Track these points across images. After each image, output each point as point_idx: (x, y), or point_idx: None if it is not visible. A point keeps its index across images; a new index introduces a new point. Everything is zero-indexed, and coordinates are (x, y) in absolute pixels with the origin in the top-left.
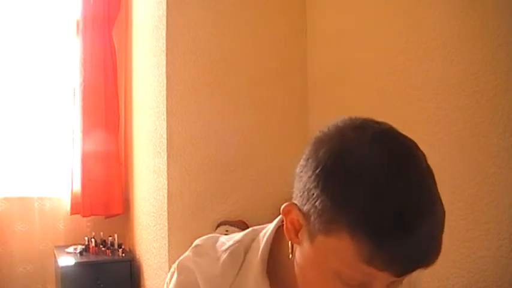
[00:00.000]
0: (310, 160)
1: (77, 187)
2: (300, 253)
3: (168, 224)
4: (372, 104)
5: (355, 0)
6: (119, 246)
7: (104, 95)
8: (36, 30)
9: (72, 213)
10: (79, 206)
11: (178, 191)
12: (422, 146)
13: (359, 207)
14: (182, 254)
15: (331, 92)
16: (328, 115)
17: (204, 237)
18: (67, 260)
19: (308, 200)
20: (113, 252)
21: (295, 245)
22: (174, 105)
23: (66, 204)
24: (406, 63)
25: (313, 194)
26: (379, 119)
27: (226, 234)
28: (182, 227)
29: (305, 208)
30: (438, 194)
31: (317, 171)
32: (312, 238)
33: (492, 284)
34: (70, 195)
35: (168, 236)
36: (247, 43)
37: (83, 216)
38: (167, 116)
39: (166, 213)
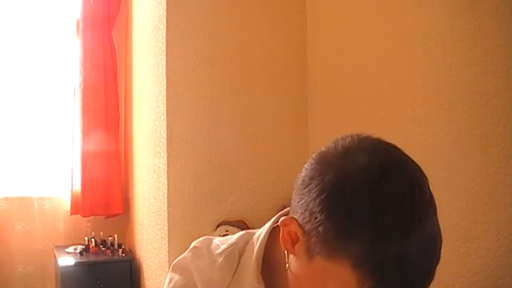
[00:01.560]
0: (315, 181)
1: (77, 187)
2: (296, 264)
3: (168, 224)
4: (371, 104)
5: (355, 0)
6: (119, 246)
7: (104, 95)
8: (36, 30)
9: (72, 213)
10: (79, 206)
11: (178, 191)
12: (422, 146)
13: (364, 243)
14: (182, 254)
15: (331, 92)
16: (328, 115)
17: (200, 239)
18: (67, 260)
19: (310, 221)
20: (113, 252)
21: (290, 254)
22: (174, 105)
23: (66, 204)
24: (406, 63)
25: (317, 218)
26: (379, 118)
27: (226, 235)
28: (182, 227)
29: (306, 227)
30: (439, 226)
31: (322, 196)
32: (310, 255)
33: (492, 284)
34: (70, 195)
35: (168, 236)
36: (247, 43)
37: (83, 216)
38: (167, 116)
39: (166, 213)
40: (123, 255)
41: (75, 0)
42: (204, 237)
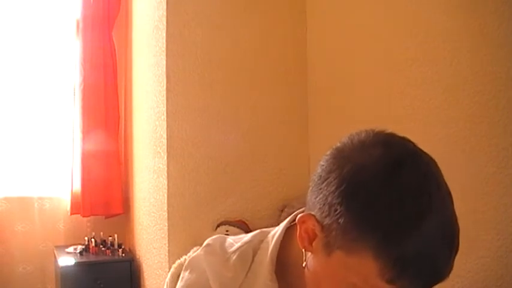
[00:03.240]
0: (333, 174)
1: (77, 187)
2: (313, 262)
3: (168, 224)
4: (371, 104)
5: (355, 0)
6: (119, 246)
7: (104, 95)
8: (36, 30)
9: (72, 213)
10: (79, 206)
11: (178, 191)
12: (422, 146)
13: (385, 231)
14: (182, 254)
15: (331, 92)
16: (328, 115)
17: (213, 237)
18: (67, 260)
19: (329, 214)
20: (113, 252)
21: (307, 252)
22: (174, 105)
23: (66, 204)
24: (406, 63)
25: (336, 210)
26: (379, 118)
27: (226, 234)
28: (182, 227)
29: (325, 222)
30: (456, 215)
31: (342, 188)
32: (329, 250)
33: (492, 284)
34: (70, 195)
35: (168, 236)
36: (247, 43)
37: (83, 216)
38: (167, 116)
39: (166, 213)
40: (123, 255)
41: (75, 0)
42: (217, 235)
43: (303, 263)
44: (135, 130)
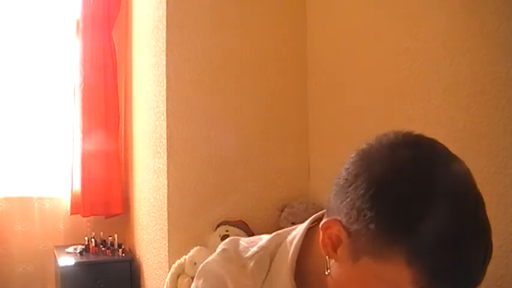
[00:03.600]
0: (360, 178)
1: (77, 187)
2: (338, 269)
3: (168, 224)
4: (372, 104)
5: (355, 0)
6: (119, 246)
7: (104, 95)
8: (36, 30)
9: (72, 213)
10: (79, 206)
11: (178, 191)
12: None
13: (418, 236)
14: (182, 254)
15: (331, 92)
16: (328, 115)
17: (227, 241)
18: (67, 260)
19: (358, 220)
20: (113, 252)
21: (330, 259)
22: (174, 105)
23: (66, 204)
24: (406, 63)
25: (366, 215)
26: (379, 118)
27: (226, 235)
28: (182, 227)
29: (353, 228)
30: (488, 220)
31: (371, 192)
32: (356, 257)
33: (492, 284)
34: (70, 195)
35: (168, 236)
36: (247, 43)
37: (83, 216)
38: (167, 116)
39: (166, 213)
40: (123, 255)
41: (75, 0)
42: (231, 237)
43: (325, 270)
44: (135, 130)
